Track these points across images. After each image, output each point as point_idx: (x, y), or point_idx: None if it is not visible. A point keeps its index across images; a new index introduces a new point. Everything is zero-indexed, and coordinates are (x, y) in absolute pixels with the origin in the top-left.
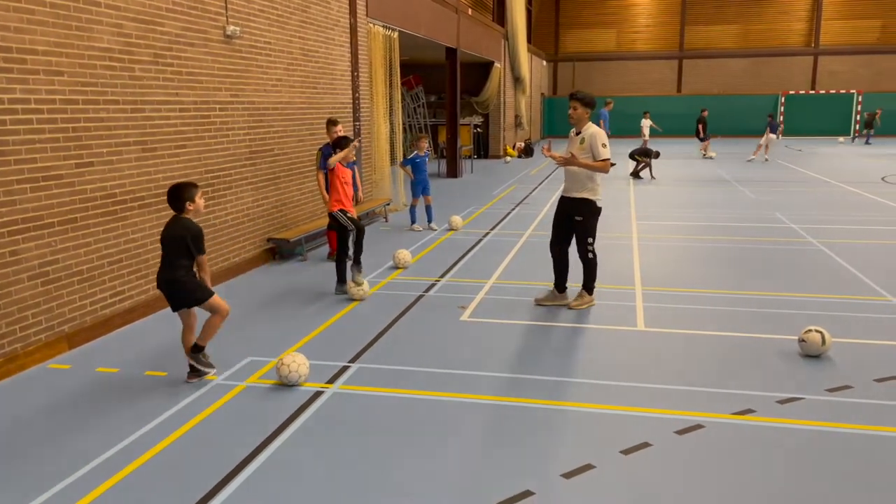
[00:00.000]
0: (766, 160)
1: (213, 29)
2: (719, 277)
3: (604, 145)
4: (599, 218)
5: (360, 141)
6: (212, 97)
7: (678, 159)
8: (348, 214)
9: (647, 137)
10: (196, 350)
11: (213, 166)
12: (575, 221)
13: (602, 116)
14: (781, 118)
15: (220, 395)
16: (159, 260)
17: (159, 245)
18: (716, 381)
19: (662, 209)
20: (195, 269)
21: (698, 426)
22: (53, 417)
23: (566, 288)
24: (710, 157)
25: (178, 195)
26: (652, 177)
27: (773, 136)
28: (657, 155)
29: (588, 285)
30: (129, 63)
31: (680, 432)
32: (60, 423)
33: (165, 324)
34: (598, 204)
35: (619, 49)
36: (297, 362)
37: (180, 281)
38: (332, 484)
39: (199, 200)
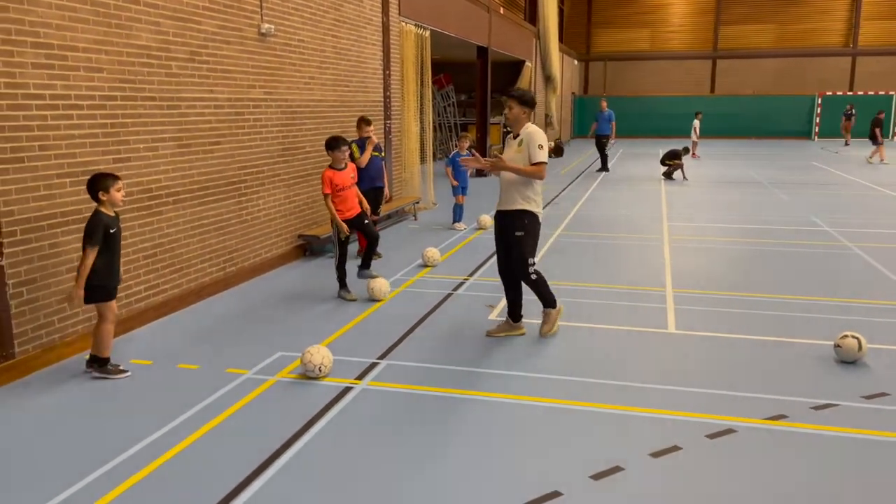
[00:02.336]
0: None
1: (248, 27)
2: (752, 281)
3: (540, 146)
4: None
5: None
6: (246, 94)
7: (710, 160)
8: (341, 235)
9: (696, 138)
10: (93, 361)
11: (247, 163)
12: (514, 238)
13: (610, 118)
14: (818, 119)
15: (250, 390)
16: (193, 254)
17: (193, 240)
18: (748, 385)
19: (694, 210)
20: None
21: (730, 430)
22: (88, 408)
23: (521, 316)
24: (882, 163)
25: (92, 185)
26: (684, 177)
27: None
28: (686, 151)
29: (546, 301)
30: (166, 60)
31: (711, 436)
32: (96, 414)
33: (197, 317)
34: (540, 217)
35: (651, 49)
36: (320, 354)
37: (91, 273)
38: (360, 480)
39: (115, 192)
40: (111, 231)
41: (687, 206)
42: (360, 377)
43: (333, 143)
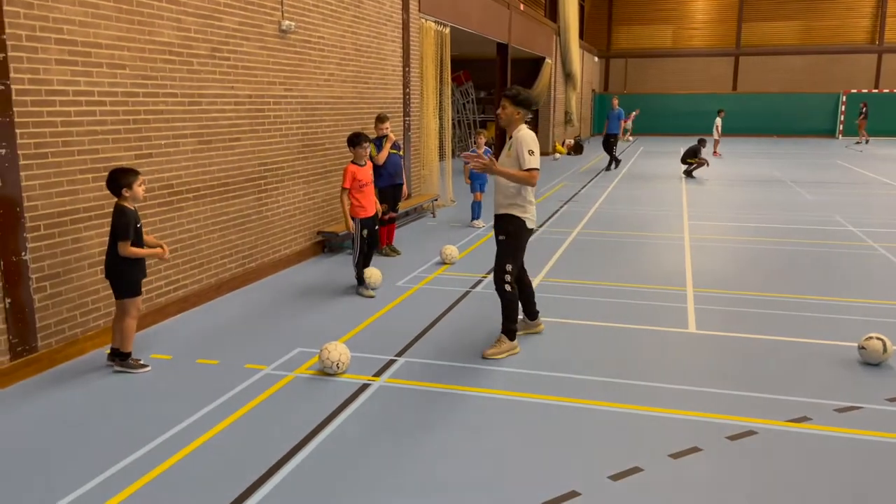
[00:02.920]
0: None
1: (269, 24)
2: (774, 281)
3: (531, 152)
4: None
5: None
6: (266, 91)
7: (732, 158)
8: (364, 231)
9: (718, 136)
10: (115, 355)
11: (267, 159)
12: (498, 241)
13: (620, 116)
14: (842, 118)
15: (268, 385)
16: (213, 250)
17: (213, 236)
18: (770, 386)
19: (715, 209)
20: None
21: (751, 432)
22: (109, 403)
23: (537, 312)
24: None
25: (114, 181)
26: (706, 163)
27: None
28: (703, 143)
29: (507, 327)
30: (187, 57)
31: (731, 438)
32: (116, 408)
33: (217, 313)
34: (529, 224)
35: (673, 46)
36: (338, 351)
37: (111, 268)
38: (377, 477)
39: (138, 188)
40: (138, 225)
41: (708, 205)
42: (378, 374)
43: (355, 140)
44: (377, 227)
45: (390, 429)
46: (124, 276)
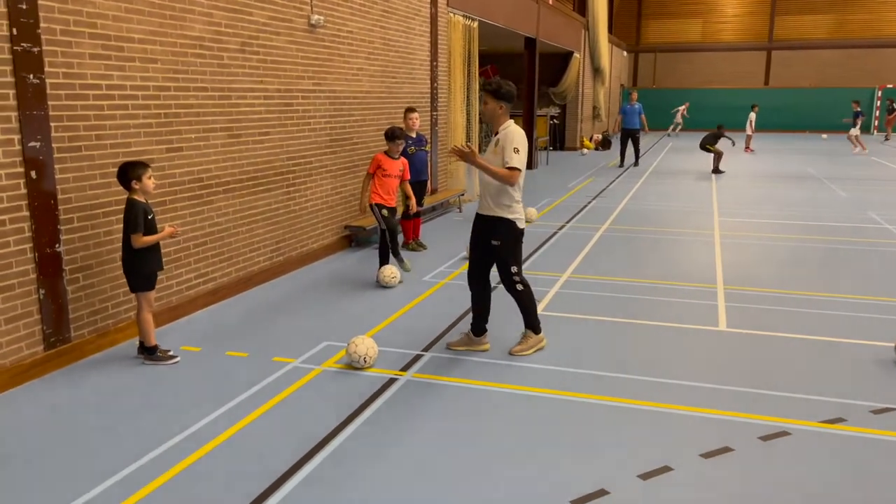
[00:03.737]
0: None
1: (298, 18)
2: (808, 279)
3: (516, 150)
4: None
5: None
6: (295, 85)
7: (764, 154)
8: (384, 210)
9: (751, 132)
10: (142, 350)
11: (295, 153)
12: (491, 246)
13: (640, 111)
14: (877, 113)
15: (296, 378)
16: (242, 243)
17: (242, 229)
18: (803, 386)
19: (746, 206)
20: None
21: (784, 433)
22: (139, 393)
23: (485, 330)
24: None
25: (124, 174)
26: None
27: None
28: (722, 129)
29: (529, 322)
30: (218, 51)
31: (764, 438)
32: (146, 399)
33: (246, 306)
34: (519, 224)
35: (703, 40)
36: (365, 345)
37: (126, 262)
38: (404, 472)
39: (147, 181)
40: (149, 216)
41: (739, 201)
42: (405, 368)
43: (391, 135)
44: (398, 218)
45: (417, 423)
46: (138, 269)
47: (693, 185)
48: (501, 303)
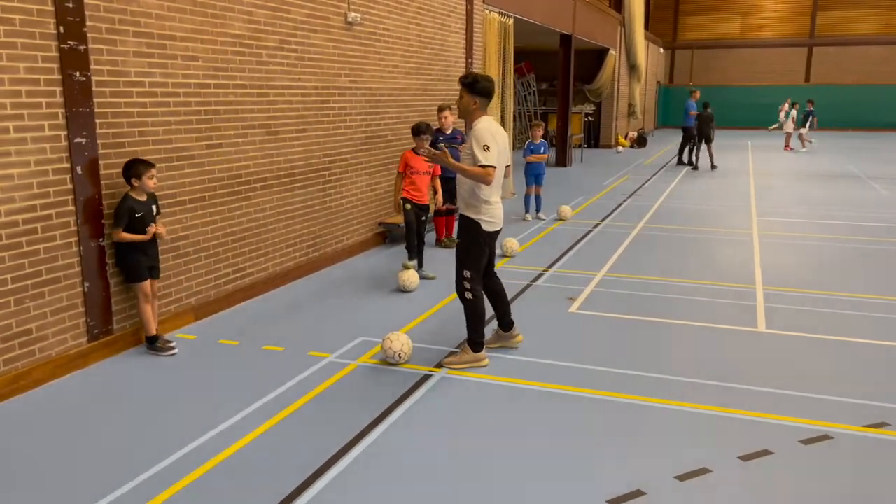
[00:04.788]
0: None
1: (335, 16)
2: (848, 280)
3: (485, 147)
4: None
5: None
6: (332, 83)
7: (805, 153)
8: (408, 204)
9: (791, 130)
10: (146, 339)
11: (331, 150)
12: (457, 245)
13: (689, 108)
14: None
15: (332, 373)
16: (279, 239)
17: (279, 225)
18: (845, 389)
19: (786, 205)
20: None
21: (825, 436)
22: (178, 385)
23: (512, 324)
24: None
25: (126, 170)
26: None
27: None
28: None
29: (469, 336)
30: (257, 49)
31: (805, 442)
32: (185, 391)
33: (282, 301)
34: (485, 227)
35: (742, 36)
36: (400, 341)
37: (115, 255)
38: (438, 469)
39: (147, 180)
40: (136, 215)
41: (778, 200)
42: (440, 365)
43: (416, 130)
44: (426, 216)
45: (452, 420)
46: (123, 262)
47: (730, 183)
48: (540, 302)
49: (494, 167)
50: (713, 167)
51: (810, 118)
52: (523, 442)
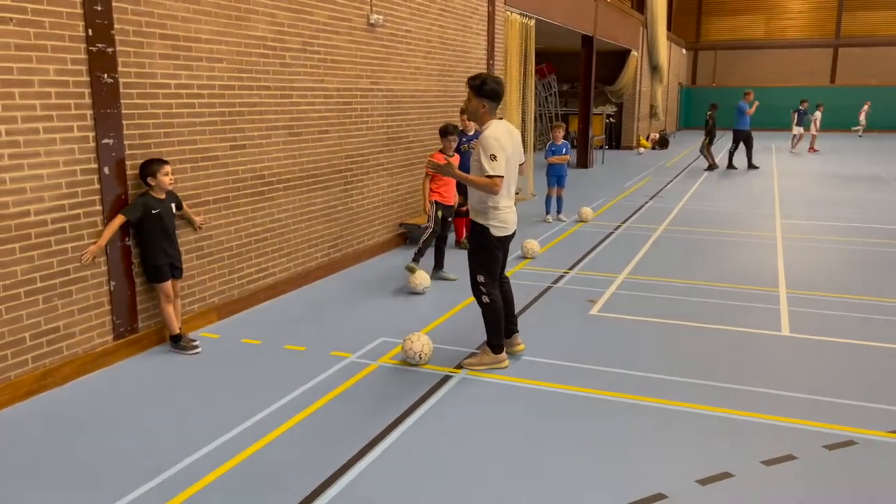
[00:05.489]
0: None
1: (358, 17)
2: (873, 284)
3: (492, 157)
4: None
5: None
6: (353, 84)
7: (830, 155)
8: (439, 212)
9: (815, 132)
10: (170, 340)
11: (353, 151)
12: (469, 250)
13: (741, 108)
14: None
15: (353, 373)
16: (301, 239)
17: (301, 225)
18: (871, 395)
19: (810, 208)
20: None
21: (850, 442)
22: (202, 384)
23: (515, 330)
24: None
25: (142, 171)
26: (713, 164)
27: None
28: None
29: (489, 339)
30: (280, 51)
31: (829, 447)
32: (209, 389)
33: (304, 301)
34: (494, 232)
35: (767, 37)
36: (421, 342)
37: (141, 255)
38: (459, 470)
39: (162, 177)
40: (153, 211)
41: (802, 203)
42: (460, 366)
43: (443, 131)
44: (450, 218)
45: (471, 423)
46: (144, 261)
47: (754, 185)
48: (561, 304)
49: (502, 177)
50: (712, 168)
51: (804, 117)
52: (544, 443)
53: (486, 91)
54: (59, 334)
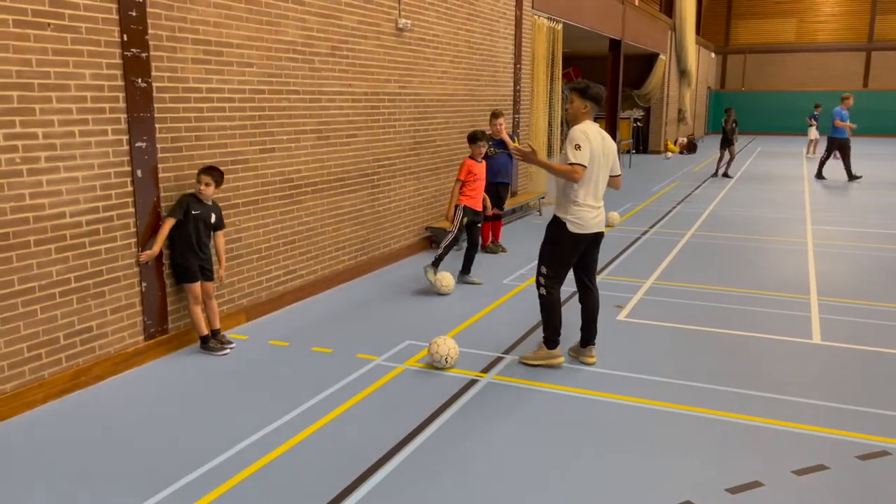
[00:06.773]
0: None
1: (386, 22)
2: None
3: (577, 147)
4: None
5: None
6: (381, 88)
7: (862, 160)
8: (465, 218)
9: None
10: (200, 341)
11: (380, 155)
12: (542, 241)
13: (836, 115)
14: None
15: (379, 376)
16: (329, 242)
17: (328, 228)
18: None
19: (842, 213)
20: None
21: (884, 452)
22: (229, 385)
23: (590, 341)
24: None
25: (197, 174)
26: (726, 172)
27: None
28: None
29: (546, 332)
30: (309, 55)
31: (862, 457)
32: (235, 390)
33: (331, 303)
34: (571, 227)
35: (797, 40)
36: (447, 345)
37: (172, 256)
38: (484, 475)
39: (201, 186)
40: (193, 212)
41: (834, 209)
42: (486, 370)
43: (472, 137)
44: (480, 223)
45: (497, 425)
46: (173, 260)
47: (784, 190)
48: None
49: (583, 166)
50: (726, 175)
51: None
52: (569, 449)
53: (591, 94)
54: (91, 334)
